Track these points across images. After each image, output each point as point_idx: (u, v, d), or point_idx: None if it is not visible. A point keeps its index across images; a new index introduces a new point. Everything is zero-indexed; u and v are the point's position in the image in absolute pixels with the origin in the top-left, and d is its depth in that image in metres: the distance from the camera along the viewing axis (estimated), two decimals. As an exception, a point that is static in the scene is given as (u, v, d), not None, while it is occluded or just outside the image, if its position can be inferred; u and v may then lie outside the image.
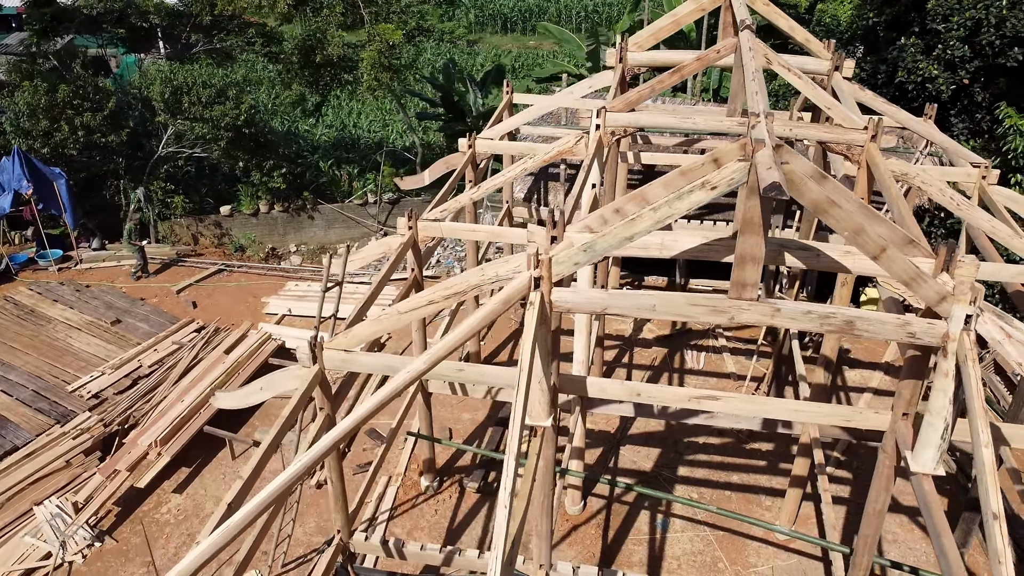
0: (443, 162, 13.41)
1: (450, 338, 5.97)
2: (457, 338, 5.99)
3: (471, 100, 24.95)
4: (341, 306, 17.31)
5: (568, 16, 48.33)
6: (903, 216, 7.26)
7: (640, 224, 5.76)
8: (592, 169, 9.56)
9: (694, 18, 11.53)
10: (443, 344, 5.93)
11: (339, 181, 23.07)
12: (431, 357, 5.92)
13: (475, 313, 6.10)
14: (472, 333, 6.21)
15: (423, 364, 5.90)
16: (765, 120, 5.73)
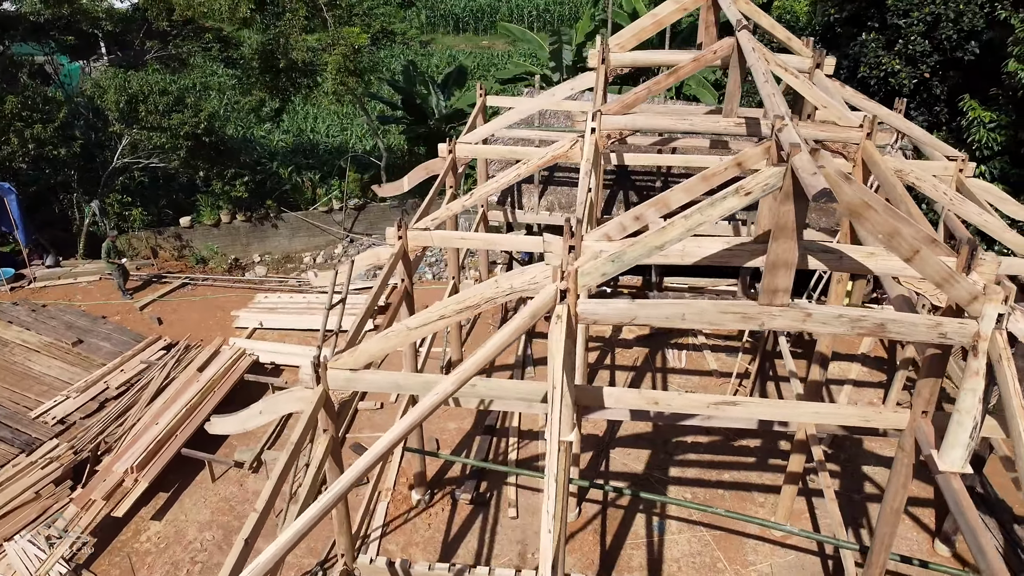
0: (422, 168, 13.14)
1: (479, 356, 5.74)
2: (487, 355, 5.78)
3: (433, 102, 24.64)
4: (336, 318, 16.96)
5: (520, 16, 48.20)
6: (911, 214, 7.27)
7: (671, 232, 5.62)
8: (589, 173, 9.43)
9: (676, 18, 11.48)
10: (472, 363, 5.70)
11: (302, 188, 22.53)
12: (459, 378, 5.69)
13: (502, 330, 5.89)
14: (500, 350, 6.00)
15: (452, 385, 5.67)
16: (792, 123, 5.64)
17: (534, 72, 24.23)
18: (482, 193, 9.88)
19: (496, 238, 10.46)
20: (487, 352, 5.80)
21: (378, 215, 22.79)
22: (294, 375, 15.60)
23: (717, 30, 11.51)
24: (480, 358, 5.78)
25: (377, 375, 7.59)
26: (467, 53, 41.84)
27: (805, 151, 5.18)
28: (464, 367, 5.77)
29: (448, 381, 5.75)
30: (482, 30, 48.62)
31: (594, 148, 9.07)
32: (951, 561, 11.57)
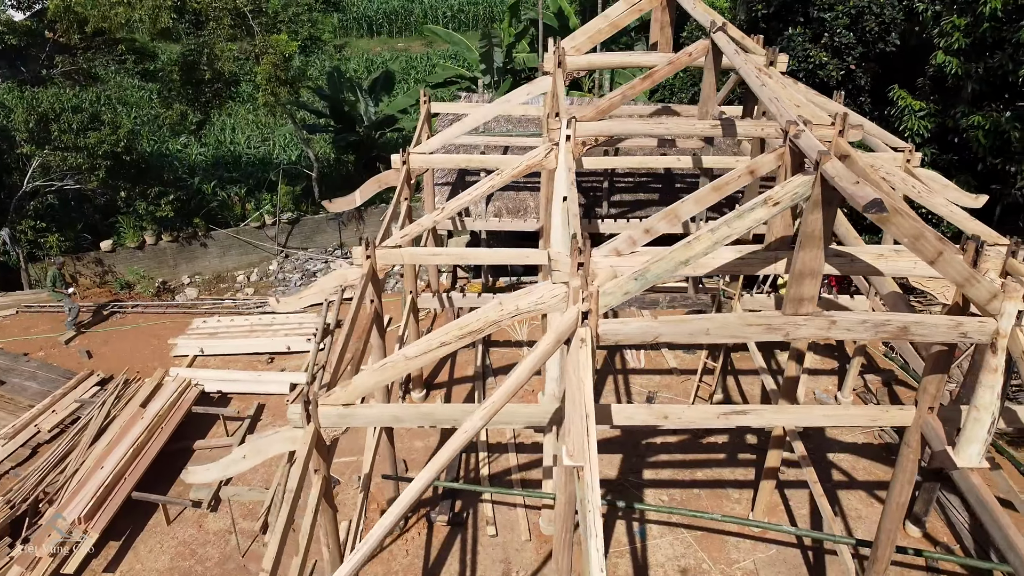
0: (375, 181, 12.64)
1: (508, 386, 5.41)
2: (515, 384, 5.45)
3: (362, 109, 23.98)
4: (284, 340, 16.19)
5: (435, 17, 47.60)
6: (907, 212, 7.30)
7: (698, 246, 5.42)
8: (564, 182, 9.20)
9: (631, 19, 11.37)
10: (500, 395, 5.38)
11: (231, 204, 21.53)
12: (488, 412, 5.35)
13: (528, 359, 5.57)
14: (527, 379, 5.68)
15: (480, 420, 5.33)
16: (809, 129, 5.53)
17: (465, 75, 23.87)
18: (456, 206, 9.51)
19: (469, 252, 10.10)
20: (515, 383, 5.48)
21: (313, 228, 22.03)
22: (244, 403, 14.84)
23: (672, 30, 11.46)
24: (509, 389, 5.45)
25: (373, 409, 7.14)
26: (384, 56, 41.06)
27: (835, 158, 5.06)
28: (493, 400, 5.43)
29: (477, 417, 5.41)
30: (397, 32, 47.83)
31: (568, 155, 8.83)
32: (923, 541, 11.89)
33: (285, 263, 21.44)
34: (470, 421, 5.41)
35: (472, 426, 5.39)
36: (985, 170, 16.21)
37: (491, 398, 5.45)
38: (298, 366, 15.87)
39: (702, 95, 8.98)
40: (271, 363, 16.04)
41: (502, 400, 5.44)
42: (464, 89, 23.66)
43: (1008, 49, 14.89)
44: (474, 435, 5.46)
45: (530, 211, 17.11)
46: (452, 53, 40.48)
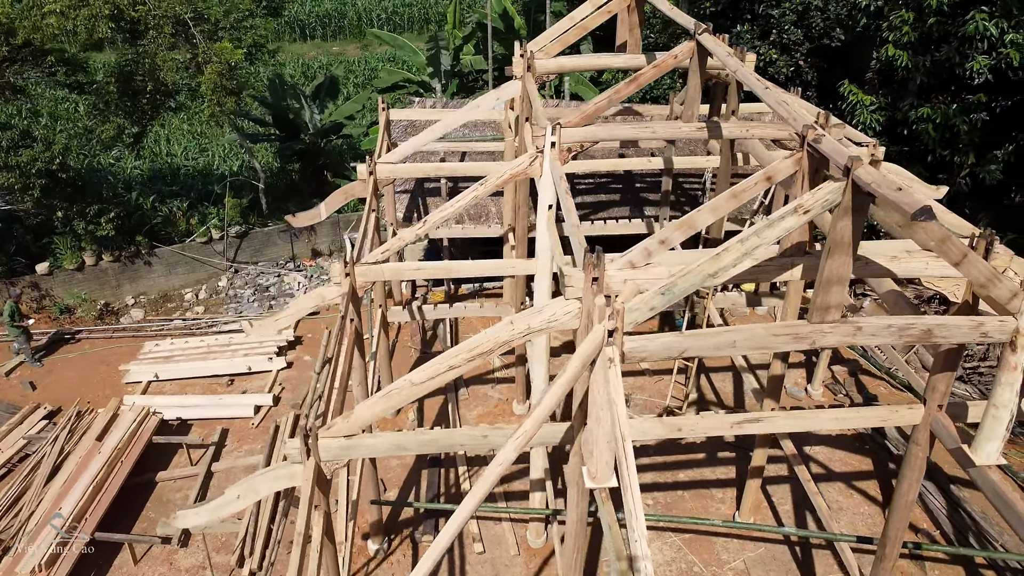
0: (341, 193, 12.19)
1: (537, 416, 5.15)
2: (545, 411, 5.19)
3: (307, 116, 23.28)
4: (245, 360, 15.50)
5: (369, 19, 46.81)
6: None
7: (726, 258, 5.26)
8: (550, 189, 8.98)
9: (600, 21, 11.21)
10: (533, 421, 5.10)
11: (175, 220, 20.61)
12: (520, 443, 5.07)
13: (557, 384, 5.31)
14: (557, 403, 5.41)
15: (513, 452, 5.04)
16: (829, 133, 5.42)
17: (412, 79, 23.42)
18: (436, 219, 9.18)
19: (454, 265, 9.78)
20: (545, 411, 5.22)
21: (262, 241, 21.27)
22: (206, 429, 14.18)
23: (641, 31, 11.34)
24: (539, 418, 5.19)
25: (377, 439, 6.78)
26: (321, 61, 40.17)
27: (865, 164, 4.96)
28: (525, 429, 5.16)
29: (509, 449, 5.12)
30: (331, 36, 46.86)
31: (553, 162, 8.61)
32: (904, 529, 12.07)
33: (235, 278, 20.64)
34: (503, 453, 5.12)
35: (506, 458, 5.10)
36: (935, 161, 16.65)
37: (523, 427, 5.18)
38: (261, 387, 15.25)
39: (687, 97, 8.87)
40: (231, 385, 15.39)
41: (534, 428, 5.17)
42: (413, 94, 23.22)
43: (954, 43, 15.30)
44: (507, 467, 5.18)
45: (492, 216, 16.83)
46: (391, 56, 39.86)
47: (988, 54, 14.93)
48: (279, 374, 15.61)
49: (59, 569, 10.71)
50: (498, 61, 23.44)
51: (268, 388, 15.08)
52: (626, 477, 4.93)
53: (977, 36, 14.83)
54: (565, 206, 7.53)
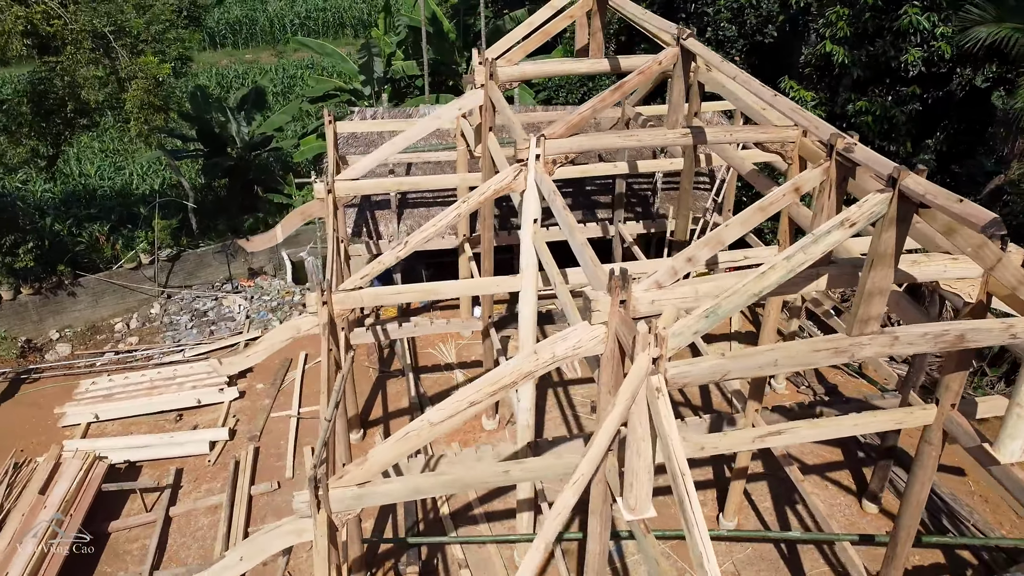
0: (298, 213, 11.57)
1: (593, 453, 4.84)
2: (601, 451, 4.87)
3: (233, 130, 22.26)
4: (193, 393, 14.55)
5: (282, 25, 45.40)
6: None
7: (772, 276, 5.06)
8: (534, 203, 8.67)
9: (563, 25, 10.97)
10: (589, 463, 4.79)
11: (99, 246, 19.32)
12: (579, 487, 4.75)
13: (610, 418, 5.01)
14: (611, 441, 5.10)
15: (573, 497, 4.72)
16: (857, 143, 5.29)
17: (344, 88, 22.68)
18: (418, 240, 8.73)
19: (436, 286, 9.34)
20: (602, 449, 4.90)
21: (196, 263, 20.20)
22: (158, 470, 13.28)
23: (604, 35, 11.15)
24: (596, 456, 4.87)
25: (393, 484, 6.31)
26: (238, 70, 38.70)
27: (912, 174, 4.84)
28: (583, 472, 4.83)
29: (568, 495, 4.78)
30: (242, 43, 45.24)
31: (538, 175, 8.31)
32: (880, 517, 12.30)
33: (169, 304, 19.52)
34: (563, 497, 4.78)
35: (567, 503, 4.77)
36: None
37: (579, 469, 4.85)
38: (213, 420, 14.40)
39: (671, 103, 8.70)
40: (180, 421, 14.48)
41: (591, 469, 4.86)
42: (345, 102, 22.47)
43: (888, 37, 15.73)
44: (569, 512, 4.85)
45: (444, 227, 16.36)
46: (309, 63, 38.73)
47: (921, 47, 15.42)
48: (232, 405, 14.78)
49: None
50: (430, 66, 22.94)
51: (222, 421, 14.25)
52: (691, 516, 4.66)
53: (910, 30, 15.29)
54: (564, 222, 7.24)
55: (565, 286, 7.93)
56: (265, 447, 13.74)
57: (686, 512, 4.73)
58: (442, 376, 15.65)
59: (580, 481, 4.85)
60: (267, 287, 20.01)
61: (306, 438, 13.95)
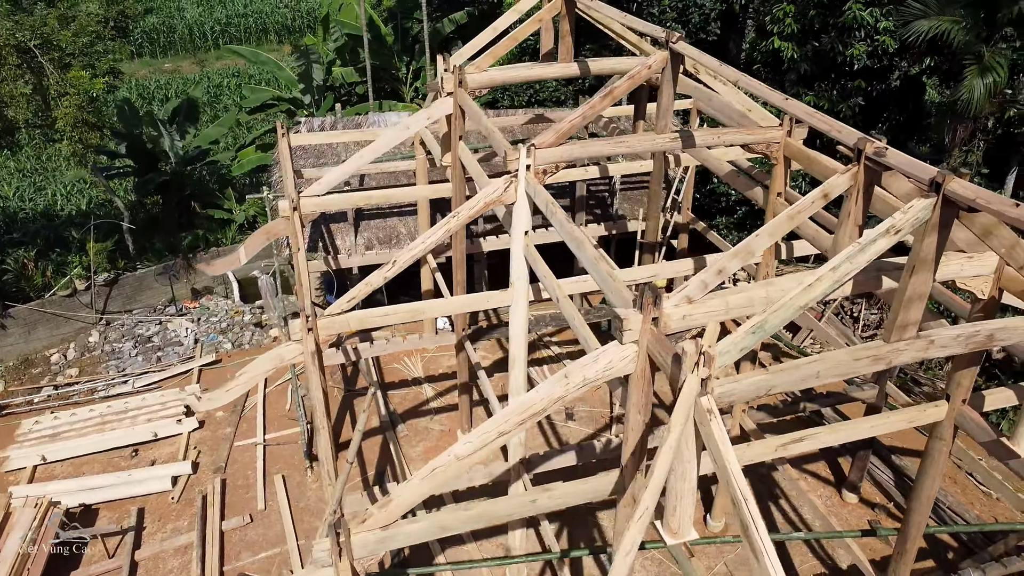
0: (263, 233, 10.99)
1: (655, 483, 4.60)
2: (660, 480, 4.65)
3: (167, 144, 21.22)
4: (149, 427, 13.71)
5: (202, 33, 43.75)
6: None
7: (819, 287, 4.93)
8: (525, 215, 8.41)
9: (532, 30, 10.72)
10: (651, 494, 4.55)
11: (28, 273, 18.12)
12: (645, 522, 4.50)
13: (666, 446, 4.78)
14: (669, 469, 4.86)
15: (639, 534, 4.47)
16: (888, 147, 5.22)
17: (283, 97, 21.90)
18: (406, 260, 8.33)
19: (423, 306, 8.95)
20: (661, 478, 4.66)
21: (135, 286, 19.19)
22: (118, 512, 12.48)
23: (573, 39, 10.96)
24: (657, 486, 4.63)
25: (419, 523, 5.95)
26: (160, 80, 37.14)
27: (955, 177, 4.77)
28: (647, 506, 4.58)
29: (635, 531, 4.53)
30: (161, 53, 43.45)
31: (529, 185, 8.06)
32: (861, 506, 12.49)
33: (108, 332, 18.46)
34: (628, 537, 4.52)
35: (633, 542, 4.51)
36: (822, 145, 17.43)
37: (642, 503, 4.60)
38: (173, 454, 13.62)
39: (660, 108, 8.55)
40: (136, 456, 13.65)
41: (653, 501, 4.62)
42: (285, 112, 21.71)
43: (833, 32, 16.04)
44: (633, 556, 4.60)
45: (402, 239, 15.96)
46: (235, 72, 37.45)
47: (865, 41, 15.78)
48: (191, 436, 14.01)
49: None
50: (370, 71, 22.38)
51: (182, 454, 13.49)
52: (759, 543, 4.48)
53: (855, 25, 15.62)
54: (570, 235, 6.99)
55: (570, 302, 7.68)
56: (232, 479, 13.07)
57: (752, 538, 4.55)
58: (411, 391, 15.22)
59: (645, 516, 4.62)
60: (214, 307, 19.15)
61: (275, 466, 13.33)
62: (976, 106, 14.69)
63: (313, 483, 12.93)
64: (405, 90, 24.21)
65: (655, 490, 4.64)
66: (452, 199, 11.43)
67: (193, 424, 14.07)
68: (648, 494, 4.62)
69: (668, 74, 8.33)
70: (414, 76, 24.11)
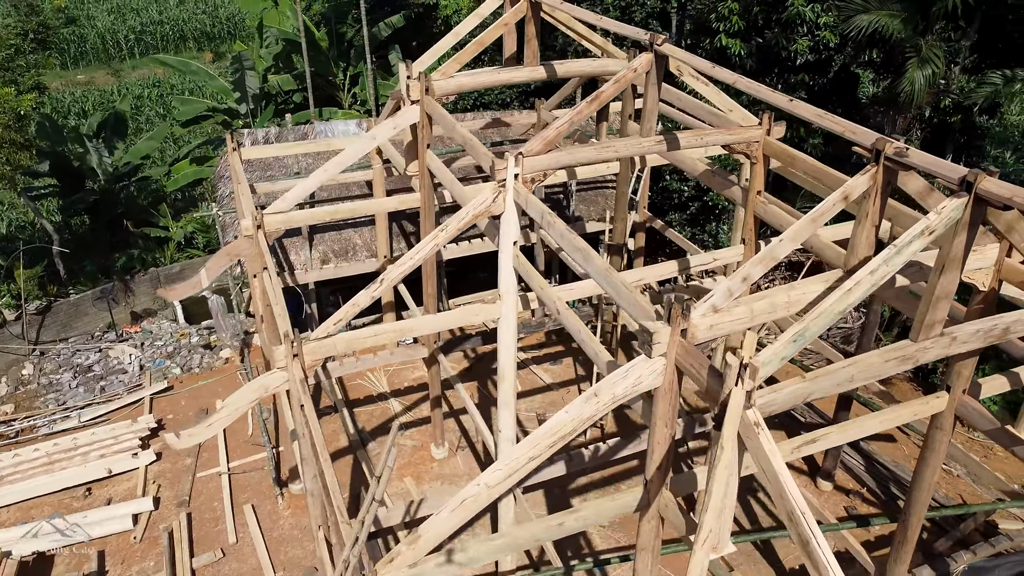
0: (224, 254, 10.48)
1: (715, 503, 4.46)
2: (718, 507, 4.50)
3: (94, 161, 20.15)
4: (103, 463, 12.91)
5: (115, 41, 41.86)
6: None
7: (858, 292, 4.89)
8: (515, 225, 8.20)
9: (497, 34, 10.50)
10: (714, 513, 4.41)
11: (-48, 306, 16.95)
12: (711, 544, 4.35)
13: (723, 462, 4.63)
14: (725, 487, 4.72)
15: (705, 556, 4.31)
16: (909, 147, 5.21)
17: (218, 108, 21.05)
18: (397, 274, 7.99)
19: (412, 324, 8.60)
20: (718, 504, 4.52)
21: (70, 313, 18.14)
22: (76, 558, 11.68)
23: (539, 42, 10.78)
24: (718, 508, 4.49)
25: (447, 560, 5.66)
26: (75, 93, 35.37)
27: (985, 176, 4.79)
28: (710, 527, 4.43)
29: (701, 555, 4.37)
30: (71, 63, 41.43)
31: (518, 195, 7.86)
32: (836, 494, 12.72)
33: (44, 363, 17.38)
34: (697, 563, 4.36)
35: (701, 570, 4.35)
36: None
37: (704, 526, 4.45)
38: (130, 490, 12.86)
39: (645, 111, 8.44)
40: (90, 496, 12.84)
41: (716, 522, 4.47)
42: (221, 124, 20.88)
43: (776, 28, 16.33)
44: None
45: (359, 251, 15.51)
46: (154, 82, 35.99)
47: (808, 36, 16.11)
48: (149, 470, 13.27)
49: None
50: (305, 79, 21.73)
51: (141, 490, 12.76)
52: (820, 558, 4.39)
53: (797, 20, 15.93)
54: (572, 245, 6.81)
55: (573, 313, 7.50)
56: (198, 512, 12.42)
57: (813, 554, 4.44)
58: (377, 408, 14.80)
59: (711, 538, 4.48)
60: (157, 331, 18.24)
61: (243, 495, 12.74)
62: (917, 97, 15.17)
63: (285, 511, 12.41)
64: (343, 96, 23.64)
65: (715, 510, 4.50)
66: (421, 209, 11.11)
67: (150, 457, 13.34)
68: (711, 516, 4.47)
69: (653, 77, 8.23)
70: (352, 82, 23.56)
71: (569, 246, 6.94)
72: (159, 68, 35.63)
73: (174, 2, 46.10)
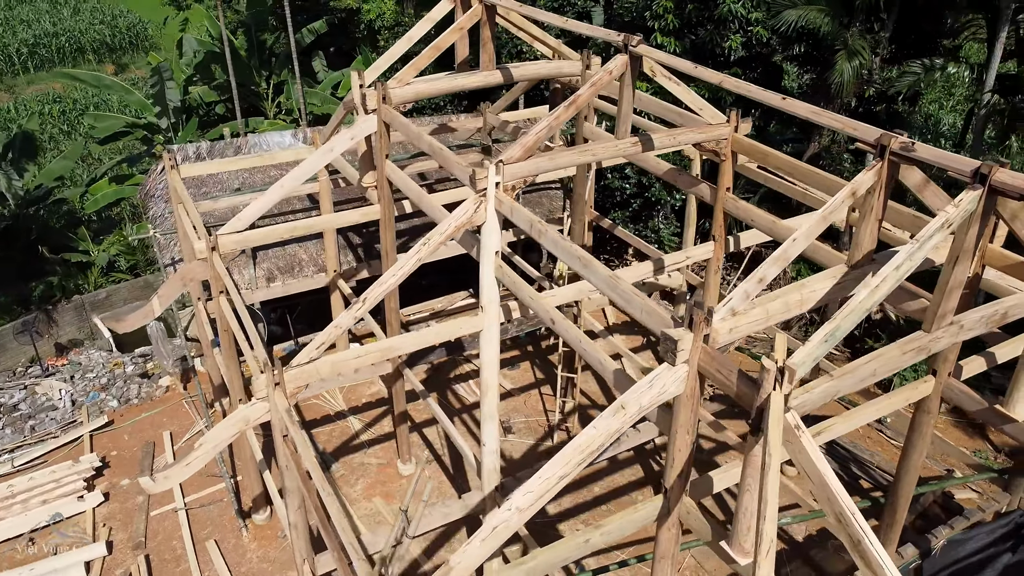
0: (178, 279, 9.89)
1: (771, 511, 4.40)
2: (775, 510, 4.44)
3: (3, 185, 18.86)
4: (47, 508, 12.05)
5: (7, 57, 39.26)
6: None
7: (884, 288, 4.92)
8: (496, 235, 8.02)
9: (453, 39, 10.26)
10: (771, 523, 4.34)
11: None
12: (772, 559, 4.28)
13: (772, 471, 4.57)
14: (776, 494, 4.64)
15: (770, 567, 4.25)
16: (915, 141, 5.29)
17: (138, 123, 19.98)
18: (380, 292, 7.65)
19: (395, 342, 8.26)
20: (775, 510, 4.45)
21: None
22: (26, 614, 10.86)
23: (494, 45, 10.60)
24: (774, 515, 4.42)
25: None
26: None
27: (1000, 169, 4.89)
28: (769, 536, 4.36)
29: (767, 567, 4.28)
30: (-39, 80, 38.77)
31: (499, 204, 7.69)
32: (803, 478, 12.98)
33: (-36, 404, 16.13)
34: None
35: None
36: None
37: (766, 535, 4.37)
38: (78, 535, 12.03)
39: (620, 114, 8.35)
40: (33, 545, 11.94)
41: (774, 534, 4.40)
42: (140, 139, 19.83)
43: (709, 25, 16.63)
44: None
45: (305, 266, 14.95)
46: (56, 98, 33.96)
47: (740, 32, 16.47)
48: (97, 513, 12.45)
49: None
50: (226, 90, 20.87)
51: (91, 535, 11.96)
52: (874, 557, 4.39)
53: (730, 17, 16.26)
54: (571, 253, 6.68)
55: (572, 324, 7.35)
56: (157, 553, 11.72)
57: (866, 553, 4.43)
58: (337, 426, 14.33)
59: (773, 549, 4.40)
60: (87, 362, 17.17)
61: (203, 531, 12.09)
62: (847, 87, 15.71)
63: (252, 543, 11.85)
64: (267, 106, 22.85)
65: (772, 520, 4.44)
66: (380, 221, 10.78)
67: (98, 498, 12.51)
68: (769, 525, 4.40)
69: (628, 78, 8.17)
70: (275, 91, 22.80)
71: (565, 254, 6.79)
72: (58, 83, 33.71)
73: (68, 13, 43.69)
